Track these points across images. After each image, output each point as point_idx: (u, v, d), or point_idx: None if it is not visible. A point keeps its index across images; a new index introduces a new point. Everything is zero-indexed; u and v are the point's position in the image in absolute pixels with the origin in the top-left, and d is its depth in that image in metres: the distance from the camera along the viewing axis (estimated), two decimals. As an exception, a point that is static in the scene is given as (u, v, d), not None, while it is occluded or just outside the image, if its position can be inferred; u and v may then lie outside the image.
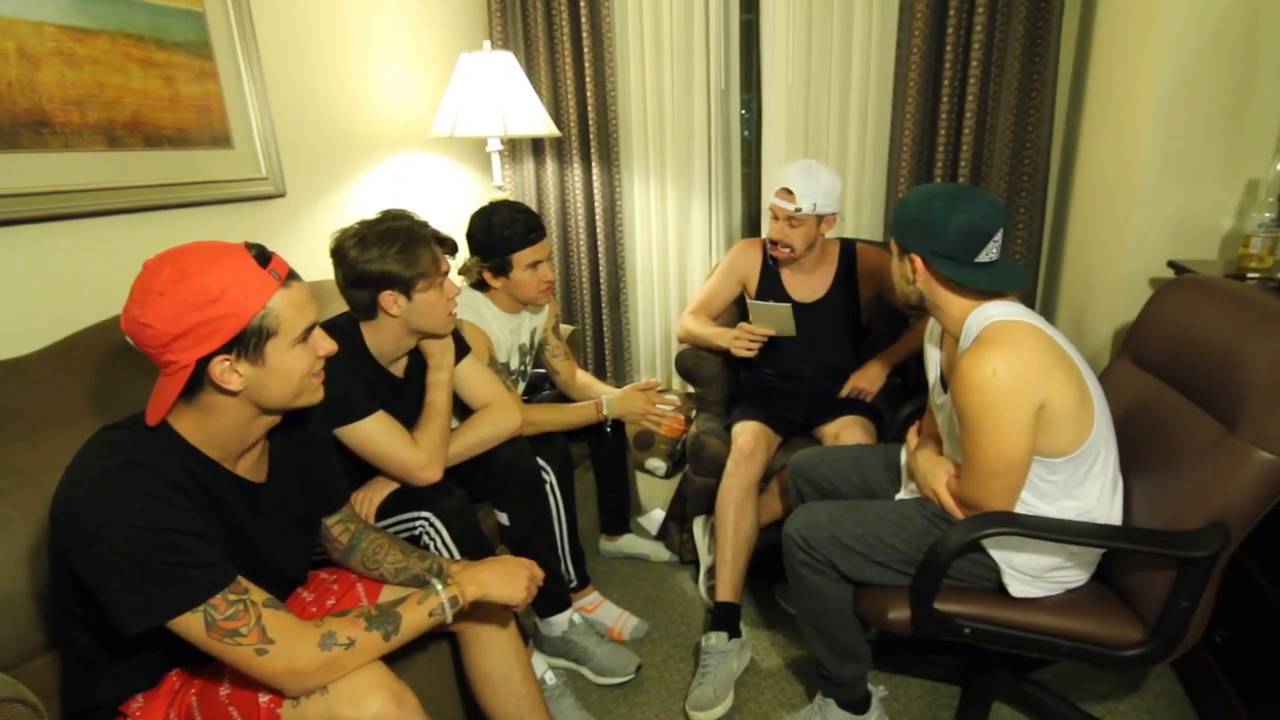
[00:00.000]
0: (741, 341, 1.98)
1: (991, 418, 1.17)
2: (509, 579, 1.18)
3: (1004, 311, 1.24)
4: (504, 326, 1.87)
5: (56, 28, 1.52)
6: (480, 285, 1.85)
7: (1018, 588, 1.30)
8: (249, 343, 0.93)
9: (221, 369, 0.92)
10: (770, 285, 2.11)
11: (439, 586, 1.10)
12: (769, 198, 2.00)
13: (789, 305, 1.89)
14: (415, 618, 1.06)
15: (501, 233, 1.74)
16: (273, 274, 0.94)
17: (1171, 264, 1.74)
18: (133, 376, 1.47)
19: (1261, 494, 1.12)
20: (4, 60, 1.44)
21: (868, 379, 2.02)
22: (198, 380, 0.93)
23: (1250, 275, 1.59)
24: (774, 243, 1.99)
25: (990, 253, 1.24)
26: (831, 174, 1.93)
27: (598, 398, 1.94)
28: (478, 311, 1.81)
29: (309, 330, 1.00)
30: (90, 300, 1.63)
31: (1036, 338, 1.20)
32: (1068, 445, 1.21)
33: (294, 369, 0.98)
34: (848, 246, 2.10)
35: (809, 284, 2.09)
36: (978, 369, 1.17)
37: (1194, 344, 1.29)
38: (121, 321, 0.92)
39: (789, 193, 1.90)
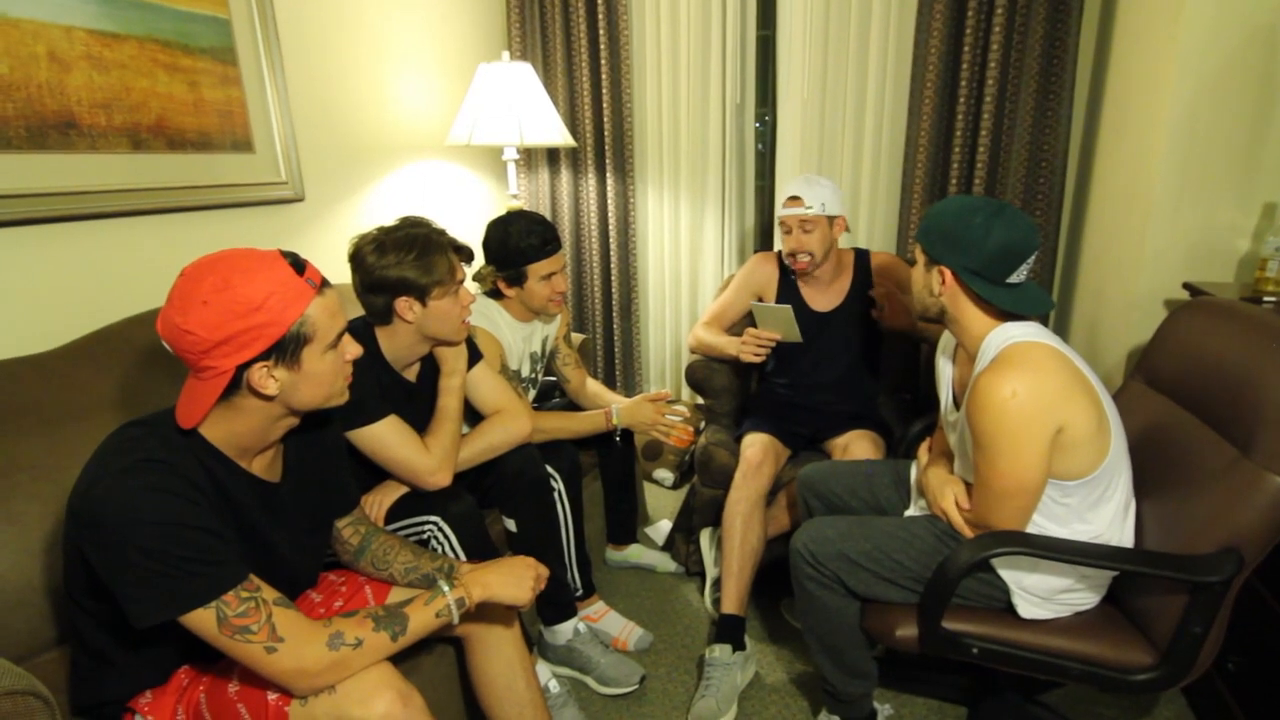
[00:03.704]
0: (749, 346, 1.99)
1: (1008, 440, 1.16)
2: (514, 579, 1.19)
3: (1025, 332, 1.23)
4: (516, 334, 1.88)
5: (86, 32, 1.55)
6: (494, 293, 1.86)
7: (1027, 609, 1.29)
8: (287, 349, 0.95)
9: (260, 375, 0.95)
10: (789, 298, 2.11)
11: (445, 588, 1.11)
12: (780, 213, 2.02)
13: (789, 306, 1.92)
14: (422, 618, 1.07)
15: (518, 244, 1.75)
16: (309, 282, 0.97)
17: (1187, 286, 1.73)
18: (152, 375, 1.49)
19: (1276, 519, 1.10)
20: (35, 63, 1.47)
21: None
22: (234, 384, 0.95)
23: (1266, 299, 1.59)
24: (793, 255, 1.99)
25: (1020, 274, 1.23)
26: (830, 180, 1.96)
27: (607, 407, 1.94)
28: (490, 319, 1.83)
29: (340, 335, 1.03)
30: (111, 299, 1.65)
31: (1056, 361, 1.19)
32: (1083, 469, 1.20)
33: (326, 373, 1.01)
34: (862, 255, 2.12)
35: (827, 295, 2.09)
36: (996, 390, 1.15)
37: (1208, 367, 1.28)
38: (159, 327, 0.93)
39: (796, 199, 1.93)
